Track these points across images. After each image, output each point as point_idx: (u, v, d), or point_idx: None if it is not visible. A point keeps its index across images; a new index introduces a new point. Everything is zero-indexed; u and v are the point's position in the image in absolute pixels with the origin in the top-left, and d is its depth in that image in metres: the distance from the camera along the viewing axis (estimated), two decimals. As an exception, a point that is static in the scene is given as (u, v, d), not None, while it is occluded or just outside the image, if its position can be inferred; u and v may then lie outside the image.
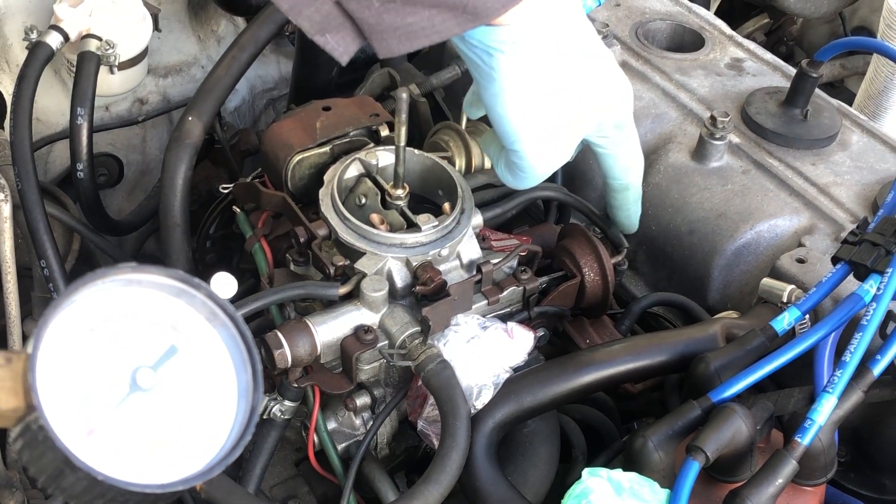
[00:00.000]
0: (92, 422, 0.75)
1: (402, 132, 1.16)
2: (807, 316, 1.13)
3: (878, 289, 1.06)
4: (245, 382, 0.80)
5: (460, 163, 1.36)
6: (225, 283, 1.09)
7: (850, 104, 1.81)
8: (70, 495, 0.73)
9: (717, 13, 2.32)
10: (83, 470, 0.71)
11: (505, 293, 1.23)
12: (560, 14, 1.04)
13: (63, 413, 0.73)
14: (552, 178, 1.45)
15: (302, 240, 1.22)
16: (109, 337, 0.77)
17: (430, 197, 1.29)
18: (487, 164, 1.36)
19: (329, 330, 1.16)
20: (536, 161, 1.10)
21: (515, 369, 1.16)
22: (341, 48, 0.92)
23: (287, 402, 1.20)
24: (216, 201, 1.58)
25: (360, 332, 1.16)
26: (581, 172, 1.48)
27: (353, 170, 1.26)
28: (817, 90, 1.49)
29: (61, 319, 0.75)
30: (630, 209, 1.29)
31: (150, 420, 0.77)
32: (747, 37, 2.34)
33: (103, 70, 1.53)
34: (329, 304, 1.19)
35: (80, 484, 0.72)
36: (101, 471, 0.72)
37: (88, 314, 0.77)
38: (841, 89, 2.41)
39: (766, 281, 1.23)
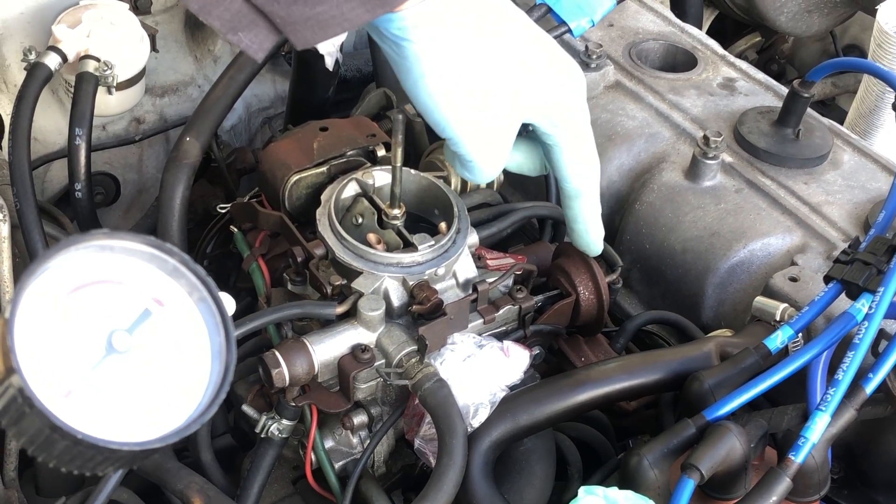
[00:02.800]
0: (69, 383, 0.77)
1: (399, 153, 1.17)
2: (800, 334, 1.15)
3: (870, 307, 1.07)
4: (218, 344, 0.83)
5: (456, 182, 1.37)
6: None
7: (842, 122, 1.82)
8: (53, 457, 0.75)
9: (708, 32, 2.34)
10: (63, 430, 0.73)
11: (501, 312, 1.24)
12: None
13: (41, 375, 0.75)
14: (546, 197, 1.47)
15: (299, 259, 1.23)
16: (84, 301, 0.80)
17: (426, 216, 1.30)
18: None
19: (326, 349, 1.17)
20: (474, 147, 1.06)
21: (511, 388, 1.17)
22: (256, 45, 0.90)
23: (285, 421, 1.21)
24: (213, 220, 1.59)
25: (358, 351, 1.17)
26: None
27: (350, 190, 1.27)
28: (809, 109, 1.51)
29: (37, 285, 0.77)
30: (586, 222, 1.19)
31: (127, 381, 0.80)
32: (739, 55, 2.37)
33: (101, 90, 1.54)
34: (326, 324, 1.19)
35: (62, 445, 0.74)
36: (80, 430, 0.74)
37: (63, 279, 0.79)
38: (832, 107, 2.43)
39: (760, 299, 1.24)
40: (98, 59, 1.53)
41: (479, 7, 1.01)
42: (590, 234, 1.21)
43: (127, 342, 0.80)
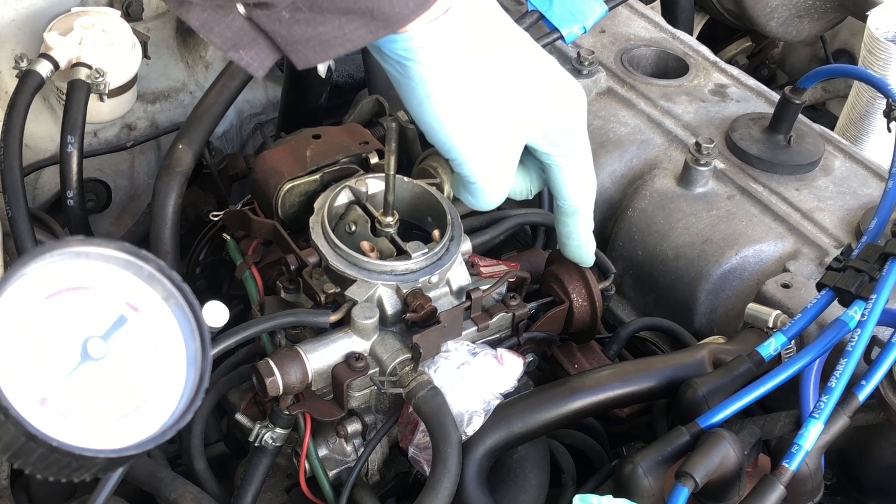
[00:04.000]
0: (45, 391, 0.77)
1: (392, 161, 1.17)
2: (792, 341, 1.15)
3: (863, 315, 1.07)
4: (193, 350, 0.83)
5: (448, 189, 1.37)
6: (217, 312, 1.10)
7: (832, 127, 1.83)
8: (29, 464, 0.76)
9: (699, 36, 2.35)
10: (38, 437, 0.74)
11: (494, 319, 1.24)
12: (480, 18, 1.01)
13: (16, 383, 0.75)
14: (539, 204, 1.47)
15: (293, 267, 1.23)
16: (59, 308, 0.80)
17: (419, 224, 1.30)
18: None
19: (320, 357, 1.17)
20: (479, 168, 1.06)
21: (506, 395, 1.17)
22: (256, 63, 0.91)
23: (278, 430, 1.21)
24: (206, 228, 1.59)
25: (351, 359, 1.17)
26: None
27: (343, 197, 1.27)
28: (800, 115, 1.51)
29: (12, 292, 0.78)
30: (580, 238, 1.21)
31: (103, 388, 0.80)
32: (729, 60, 2.38)
33: (93, 98, 1.53)
34: (320, 332, 1.19)
35: (38, 452, 0.75)
36: (54, 437, 0.74)
37: (38, 286, 0.79)
38: (822, 112, 2.44)
39: (752, 306, 1.25)
40: (90, 67, 1.52)
41: (482, 27, 1.01)
42: (583, 248, 1.22)
43: (102, 349, 0.81)
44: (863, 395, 1.05)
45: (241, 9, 0.86)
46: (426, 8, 0.92)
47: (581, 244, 1.22)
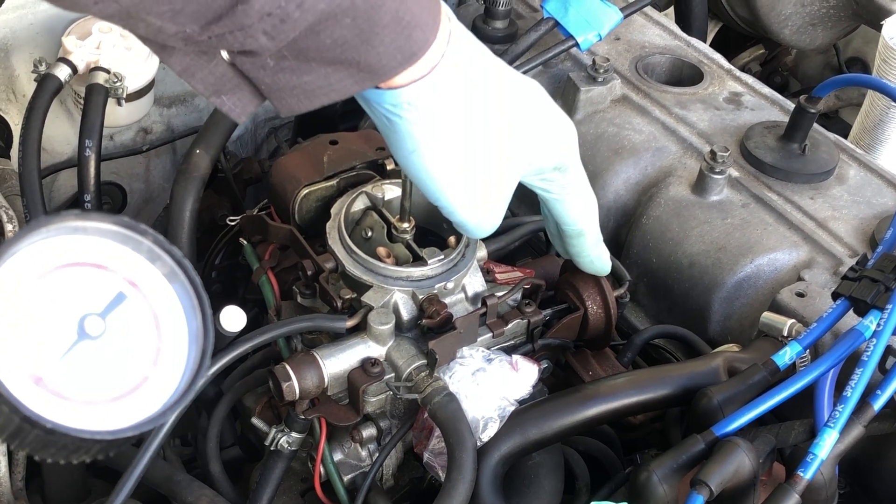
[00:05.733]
0: (40, 370, 0.75)
1: (409, 167, 1.17)
2: (807, 350, 1.15)
3: (878, 325, 1.08)
4: (195, 328, 0.80)
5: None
6: (234, 317, 1.11)
7: (845, 135, 1.83)
8: (26, 445, 0.73)
9: (712, 44, 2.35)
10: (32, 419, 0.71)
11: (509, 326, 1.24)
12: (467, 68, 0.98)
13: (10, 362, 0.73)
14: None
15: (309, 273, 1.24)
16: (56, 285, 0.77)
17: (435, 230, 1.30)
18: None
19: (336, 363, 1.17)
20: (468, 214, 1.05)
21: (520, 402, 1.17)
22: (238, 109, 0.88)
23: (294, 434, 1.21)
24: (222, 232, 1.60)
25: (367, 364, 1.17)
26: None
27: (360, 203, 1.28)
28: (815, 124, 1.52)
29: (6, 269, 0.75)
30: (590, 255, 1.22)
31: (101, 367, 0.77)
32: (742, 67, 2.38)
33: (110, 102, 1.54)
34: (336, 337, 1.20)
35: (33, 434, 0.72)
36: (50, 419, 0.71)
37: (34, 263, 0.77)
38: (835, 120, 2.44)
39: (767, 315, 1.25)
40: (108, 71, 1.53)
41: (470, 78, 0.98)
42: (595, 263, 1.23)
43: (100, 327, 0.77)
44: (878, 404, 1.06)
45: (224, 55, 0.84)
46: (413, 62, 0.90)
47: (593, 259, 1.23)
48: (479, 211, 1.05)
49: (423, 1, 0.88)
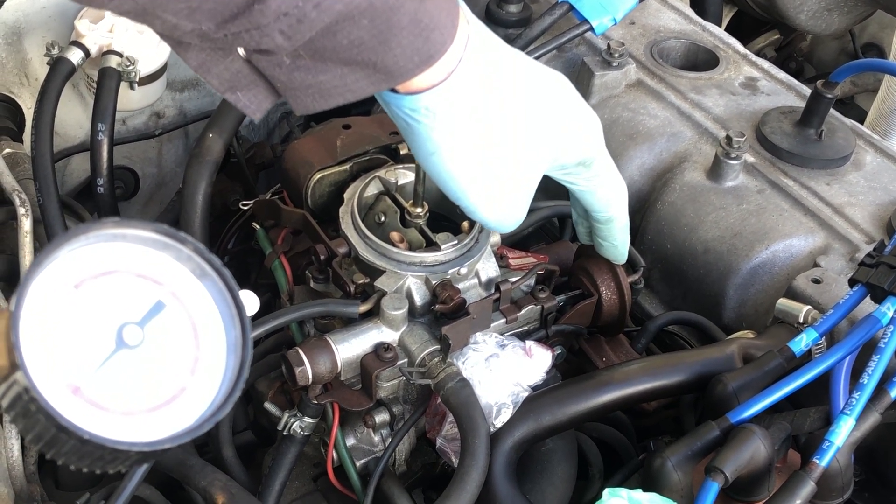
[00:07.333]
0: (77, 380, 0.73)
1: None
2: (823, 337, 1.14)
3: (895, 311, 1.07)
4: (234, 337, 0.79)
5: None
6: (247, 301, 1.10)
7: (861, 120, 1.82)
8: (62, 455, 0.72)
9: (727, 29, 2.34)
10: (69, 429, 0.70)
11: (523, 312, 1.24)
12: (489, 69, 0.96)
13: (47, 371, 0.72)
14: (566, 196, 1.46)
15: (322, 257, 1.23)
16: (94, 293, 0.76)
17: (448, 215, 1.30)
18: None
19: (349, 348, 1.17)
20: (491, 213, 1.04)
21: (534, 388, 1.17)
22: (254, 105, 0.88)
23: (307, 419, 1.21)
24: (235, 217, 1.59)
25: (381, 349, 1.17)
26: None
27: (373, 188, 1.28)
28: (831, 110, 1.50)
29: (44, 276, 0.74)
30: (616, 240, 1.22)
31: (138, 377, 0.76)
32: (757, 52, 2.36)
33: (123, 85, 1.54)
34: (349, 322, 1.20)
35: (69, 444, 0.71)
36: (87, 429, 0.70)
37: (72, 270, 0.75)
38: (851, 106, 2.43)
39: (783, 301, 1.24)
40: (121, 55, 1.53)
41: (486, 76, 0.97)
42: (618, 248, 1.23)
43: (138, 336, 0.76)
44: (895, 391, 1.05)
45: (240, 52, 0.83)
46: (430, 64, 0.90)
47: (617, 244, 1.22)
48: (500, 209, 1.04)
49: (441, 3, 0.87)
